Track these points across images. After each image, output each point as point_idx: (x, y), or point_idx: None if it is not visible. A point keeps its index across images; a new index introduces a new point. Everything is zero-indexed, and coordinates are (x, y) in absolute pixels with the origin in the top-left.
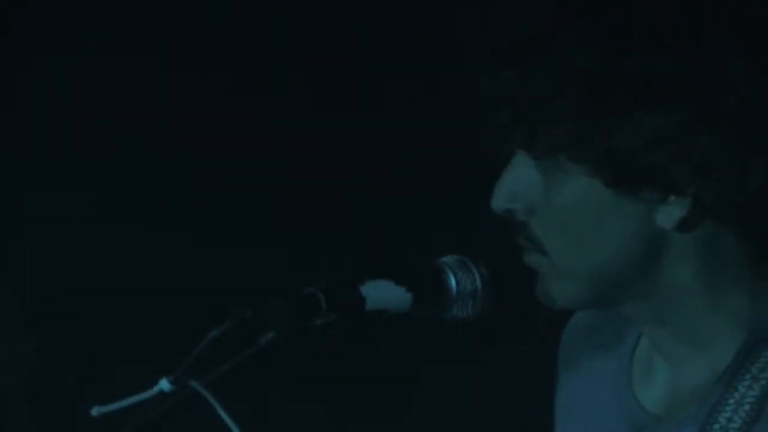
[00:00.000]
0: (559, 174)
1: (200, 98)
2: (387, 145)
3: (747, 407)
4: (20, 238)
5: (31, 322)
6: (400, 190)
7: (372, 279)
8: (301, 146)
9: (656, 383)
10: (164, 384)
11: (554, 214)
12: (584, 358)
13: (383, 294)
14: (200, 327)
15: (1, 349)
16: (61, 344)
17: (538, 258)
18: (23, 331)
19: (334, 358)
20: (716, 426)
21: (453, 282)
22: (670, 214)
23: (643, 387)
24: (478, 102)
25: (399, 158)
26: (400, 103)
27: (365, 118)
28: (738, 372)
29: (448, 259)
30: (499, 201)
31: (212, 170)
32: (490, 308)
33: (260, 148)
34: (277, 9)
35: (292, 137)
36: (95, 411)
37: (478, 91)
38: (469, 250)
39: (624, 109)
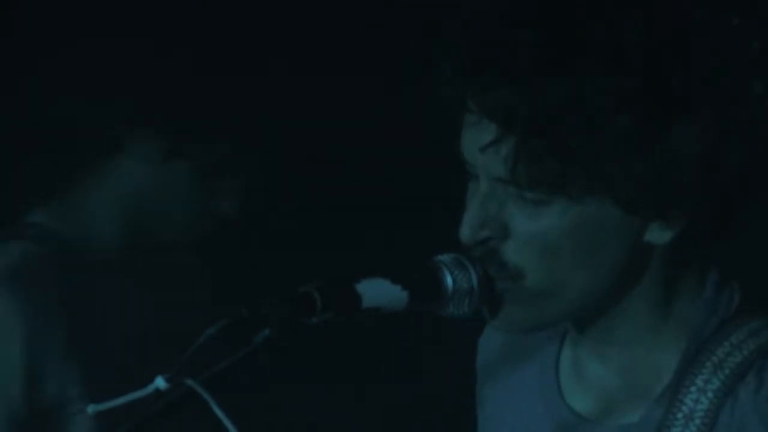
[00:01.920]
0: (554, 202)
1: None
2: (385, 144)
3: (698, 421)
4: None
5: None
6: (396, 188)
7: (367, 277)
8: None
9: (588, 388)
10: (160, 382)
11: (541, 238)
12: (505, 369)
13: (379, 292)
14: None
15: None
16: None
17: (512, 284)
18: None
19: (329, 357)
20: None
21: (449, 280)
22: (663, 231)
23: (572, 389)
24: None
25: (396, 157)
26: (391, 103)
27: (360, 117)
28: (682, 384)
29: (444, 257)
30: (472, 231)
31: None
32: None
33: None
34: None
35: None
36: (91, 409)
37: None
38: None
39: (649, 130)
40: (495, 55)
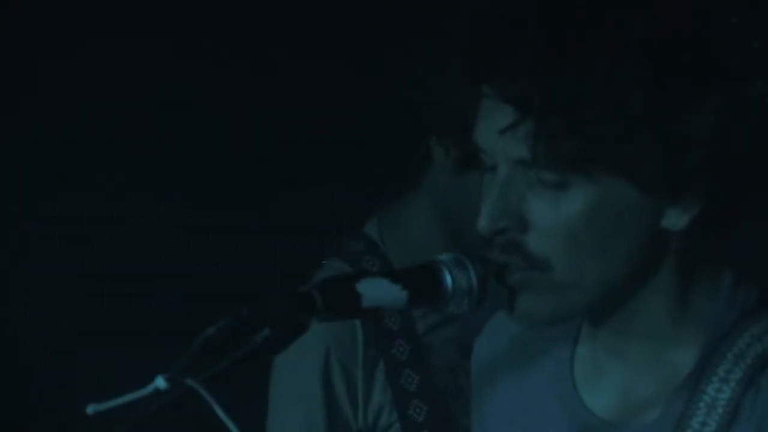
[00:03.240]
0: (573, 185)
1: (198, 99)
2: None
3: (720, 410)
4: (20, 235)
5: (29, 319)
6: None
7: (368, 276)
8: (297, 145)
9: (607, 388)
10: (160, 382)
11: (563, 226)
12: (512, 369)
13: (379, 292)
14: (196, 324)
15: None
16: (57, 341)
17: (535, 275)
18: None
19: None
20: (689, 431)
21: (449, 279)
22: (679, 216)
23: (590, 392)
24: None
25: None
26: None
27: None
28: (703, 375)
29: (443, 256)
30: (491, 222)
31: (210, 171)
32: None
33: (257, 149)
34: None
35: (288, 138)
36: (91, 409)
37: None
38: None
39: (664, 110)
40: (510, 42)
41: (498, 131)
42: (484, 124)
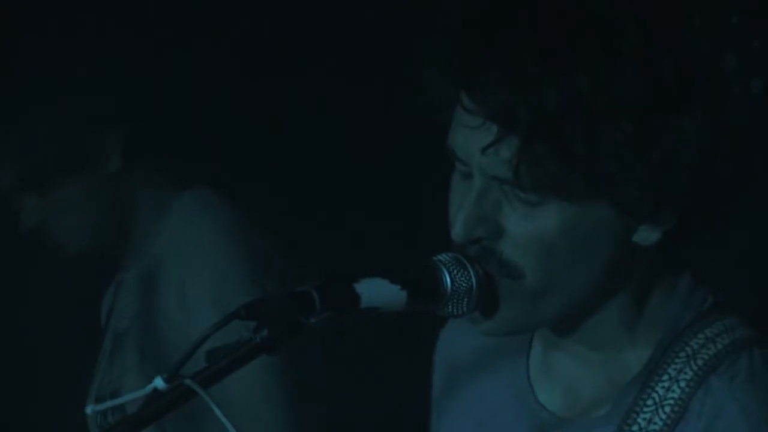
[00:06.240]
0: (550, 202)
1: (197, 90)
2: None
3: (668, 408)
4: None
5: (28, 319)
6: (397, 188)
7: (366, 277)
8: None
9: (558, 385)
10: (158, 382)
11: (537, 238)
12: (474, 370)
13: (378, 292)
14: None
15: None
16: (57, 341)
17: (507, 283)
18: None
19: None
20: (635, 427)
21: (448, 280)
22: (651, 232)
23: (543, 388)
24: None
25: (396, 156)
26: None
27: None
28: (654, 372)
29: (443, 256)
30: (465, 230)
31: (211, 169)
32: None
33: (255, 147)
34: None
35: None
36: (89, 409)
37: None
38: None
39: (649, 132)
40: (495, 54)
41: (480, 149)
42: (462, 137)
